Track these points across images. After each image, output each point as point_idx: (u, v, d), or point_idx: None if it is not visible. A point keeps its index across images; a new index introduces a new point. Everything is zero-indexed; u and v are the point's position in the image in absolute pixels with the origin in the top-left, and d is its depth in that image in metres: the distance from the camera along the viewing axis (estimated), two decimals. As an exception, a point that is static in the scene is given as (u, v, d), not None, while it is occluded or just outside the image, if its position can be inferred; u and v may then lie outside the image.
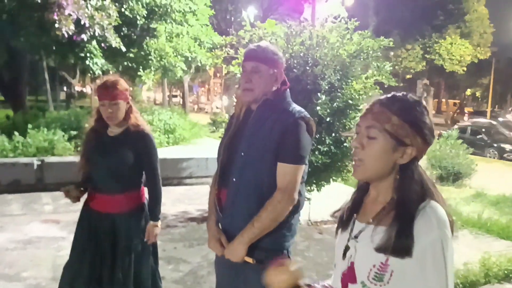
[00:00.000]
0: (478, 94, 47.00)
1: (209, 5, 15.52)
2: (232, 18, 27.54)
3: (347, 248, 1.29)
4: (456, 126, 17.64)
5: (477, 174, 9.93)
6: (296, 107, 2.07)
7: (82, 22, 9.27)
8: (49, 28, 8.90)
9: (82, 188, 2.68)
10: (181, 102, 38.92)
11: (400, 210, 1.17)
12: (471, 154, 10.32)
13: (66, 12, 8.95)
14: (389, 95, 1.25)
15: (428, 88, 28.28)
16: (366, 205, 1.31)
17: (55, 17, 8.79)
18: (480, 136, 17.60)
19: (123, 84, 2.58)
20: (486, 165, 12.99)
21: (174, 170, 7.97)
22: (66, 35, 8.96)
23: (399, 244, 1.12)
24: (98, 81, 2.60)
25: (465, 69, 27.29)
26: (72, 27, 8.99)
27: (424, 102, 1.28)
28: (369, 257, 1.20)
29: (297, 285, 1.35)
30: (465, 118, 31.58)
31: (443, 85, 36.42)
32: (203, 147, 12.42)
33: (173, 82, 31.84)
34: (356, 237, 1.26)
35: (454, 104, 44.25)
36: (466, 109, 43.19)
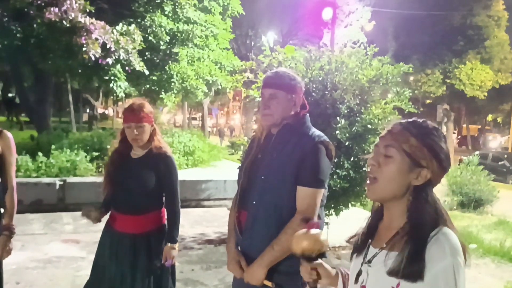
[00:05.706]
0: (499, 119, 46.19)
1: (229, 30, 15.84)
2: (252, 43, 27.97)
3: (359, 273, 1.30)
4: (477, 152, 17.35)
5: (499, 201, 9.70)
6: (315, 131, 2.10)
7: (108, 46, 9.57)
8: (76, 52, 9.19)
9: (103, 209, 2.74)
10: (200, 125, 39.35)
11: (413, 234, 1.18)
12: (492, 180, 10.13)
13: (93, 36, 9.26)
14: (409, 119, 1.28)
15: (449, 113, 27.93)
16: (381, 230, 1.32)
17: (83, 41, 9.09)
18: (502, 162, 17.26)
19: (148, 107, 2.66)
20: (508, 192, 12.69)
21: (192, 192, 8.03)
22: (93, 58, 9.24)
23: (410, 267, 1.13)
24: (124, 104, 2.68)
25: (486, 94, 26.91)
26: (99, 50, 9.28)
27: (444, 128, 1.30)
28: (381, 282, 1.20)
29: (322, 252, 1.35)
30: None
31: (463, 110, 35.94)
32: (221, 170, 12.48)
33: (193, 104, 32.24)
34: (369, 261, 1.28)
35: (479, 129, 43.70)
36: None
